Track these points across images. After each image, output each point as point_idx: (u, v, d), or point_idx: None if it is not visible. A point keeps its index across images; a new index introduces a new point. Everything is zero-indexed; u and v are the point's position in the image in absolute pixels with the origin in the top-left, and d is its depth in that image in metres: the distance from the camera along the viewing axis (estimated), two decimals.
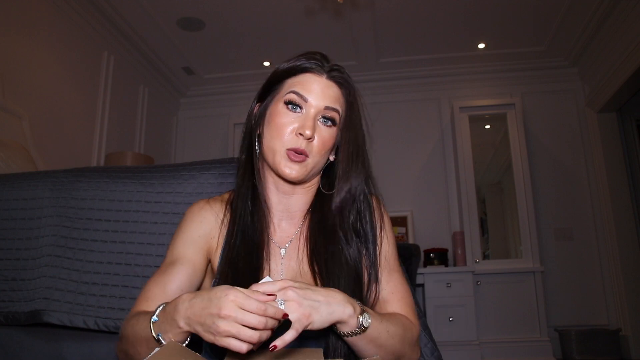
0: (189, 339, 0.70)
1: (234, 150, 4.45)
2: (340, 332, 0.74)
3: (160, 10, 3.61)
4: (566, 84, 4.37)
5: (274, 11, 3.64)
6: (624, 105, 3.99)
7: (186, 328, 0.66)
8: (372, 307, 0.87)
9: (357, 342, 0.75)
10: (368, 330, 0.74)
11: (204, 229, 0.90)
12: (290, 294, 0.67)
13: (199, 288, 0.89)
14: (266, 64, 4.36)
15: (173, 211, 1.14)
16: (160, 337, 0.69)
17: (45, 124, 2.98)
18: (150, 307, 0.80)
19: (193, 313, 0.64)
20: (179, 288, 0.83)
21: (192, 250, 0.88)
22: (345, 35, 3.97)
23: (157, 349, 0.66)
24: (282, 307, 0.66)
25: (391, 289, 0.89)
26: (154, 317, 0.71)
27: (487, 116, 4.41)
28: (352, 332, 0.73)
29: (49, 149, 2.96)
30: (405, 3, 3.56)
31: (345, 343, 0.77)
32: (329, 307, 0.70)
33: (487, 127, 4.62)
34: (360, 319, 0.73)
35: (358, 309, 0.74)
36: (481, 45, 4.16)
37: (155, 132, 4.43)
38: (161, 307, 0.71)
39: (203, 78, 4.64)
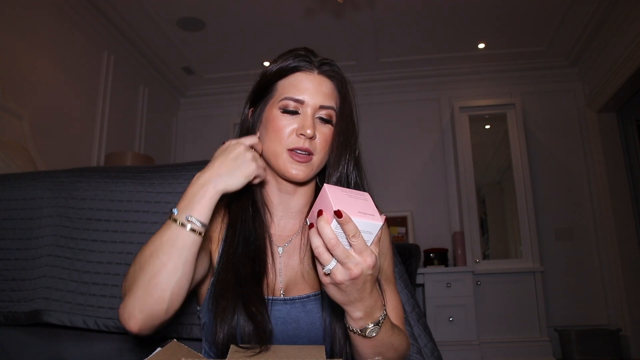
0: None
1: None
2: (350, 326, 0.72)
3: (160, 10, 3.60)
4: (566, 84, 4.37)
5: (274, 11, 3.63)
6: (624, 105, 3.99)
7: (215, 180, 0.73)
8: None
9: (359, 342, 0.74)
10: (376, 336, 0.72)
11: (213, 220, 0.88)
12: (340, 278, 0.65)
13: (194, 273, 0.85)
14: (266, 64, 4.32)
15: None
16: (190, 219, 0.70)
17: (45, 124, 2.98)
18: None
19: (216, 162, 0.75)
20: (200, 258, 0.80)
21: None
22: (345, 35, 3.97)
23: (158, 349, 0.66)
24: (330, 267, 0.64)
25: (386, 299, 0.89)
26: (174, 210, 0.72)
27: (487, 116, 4.41)
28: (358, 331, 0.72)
29: (49, 149, 2.96)
30: (405, 3, 3.56)
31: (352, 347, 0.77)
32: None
33: (487, 127, 4.62)
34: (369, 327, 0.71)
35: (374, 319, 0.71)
36: (481, 45, 4.16)
37: (155, 132, 4.43)
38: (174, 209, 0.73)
39: (203, 78, 4.64)
